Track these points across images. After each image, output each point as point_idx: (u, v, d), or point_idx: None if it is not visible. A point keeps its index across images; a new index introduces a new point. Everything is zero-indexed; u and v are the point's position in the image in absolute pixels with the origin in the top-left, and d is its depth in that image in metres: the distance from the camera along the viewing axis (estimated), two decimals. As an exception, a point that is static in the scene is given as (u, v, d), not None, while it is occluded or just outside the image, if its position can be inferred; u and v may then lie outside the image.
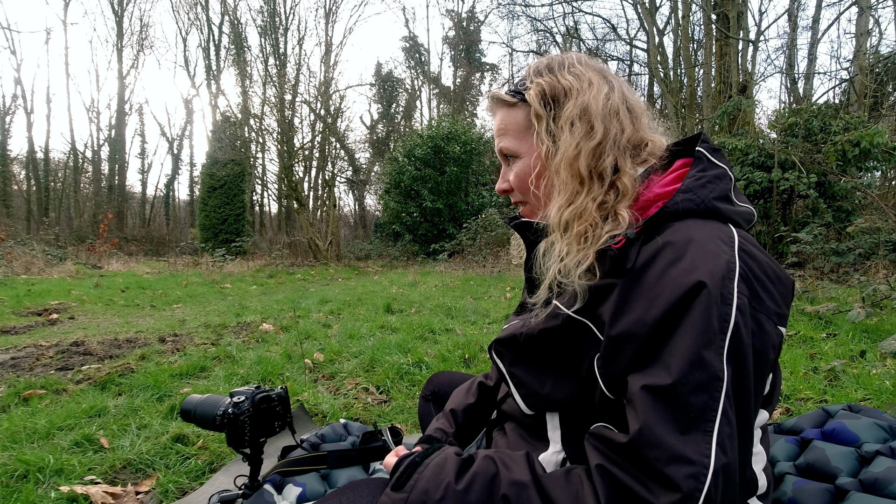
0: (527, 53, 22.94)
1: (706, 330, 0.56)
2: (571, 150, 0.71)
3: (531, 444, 0.77)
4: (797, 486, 0.93)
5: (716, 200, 0.67)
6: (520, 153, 0.80)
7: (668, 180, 0.71)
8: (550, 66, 0.78)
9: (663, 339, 0.58)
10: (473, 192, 14.73)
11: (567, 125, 0.72)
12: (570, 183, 0.71)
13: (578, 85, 0.74)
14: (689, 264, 0.59)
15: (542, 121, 0.75)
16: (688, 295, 0.57)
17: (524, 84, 0.79)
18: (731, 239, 0.62)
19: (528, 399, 0.76)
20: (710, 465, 0.52)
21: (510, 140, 0.80)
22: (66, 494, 1.38)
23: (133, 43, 23.97)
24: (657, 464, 0.53)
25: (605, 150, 0.71)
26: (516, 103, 0.79)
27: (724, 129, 8.54)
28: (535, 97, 0.75)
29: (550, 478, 0.63)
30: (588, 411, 0.69)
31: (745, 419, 0.59)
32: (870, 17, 10.84)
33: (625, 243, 0.65)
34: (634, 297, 0.62)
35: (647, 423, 0.55)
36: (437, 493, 0.64)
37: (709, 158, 0.70)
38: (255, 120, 16.70)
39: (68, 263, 10.06)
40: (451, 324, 3.98)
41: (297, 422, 1.84)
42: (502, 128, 0.81)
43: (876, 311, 3.29)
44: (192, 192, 24.95)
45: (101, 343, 3.34)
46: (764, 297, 0.61)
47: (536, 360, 0.74)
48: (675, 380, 0.55)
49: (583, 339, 0.68)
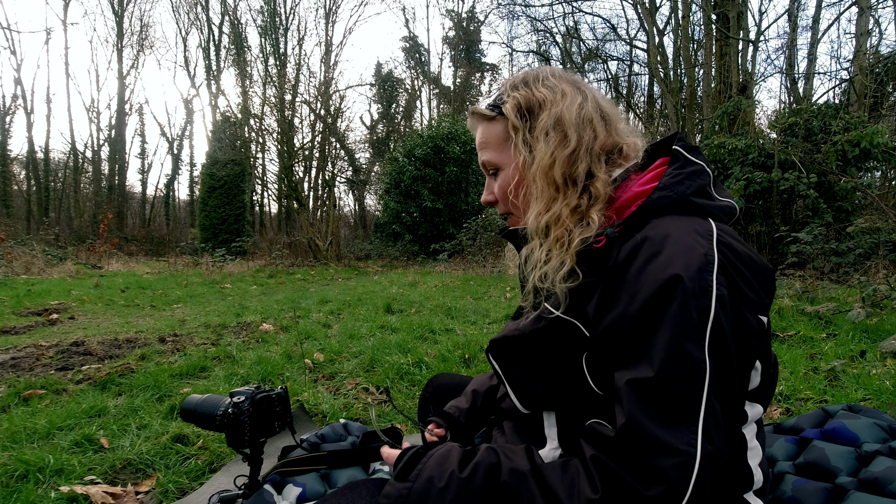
0: (527, 53, 22.95)
1: (686, 322, 0.57)
2: (547, 159, 0.74)
3: (528, 442, 0.78)
4: (797, 486, 0.93)
5: (693, 196, 0.68)
6: (501, 165, 0.83)
7: (646, 179, 0.72)
8: (526, 80, 0.81)
9: (645, 334, 0.59)
10: (473, 192, 14.72)
11: (542, 135, 0.75)
12: (546, 190, 0.74)
13: (552, 96, 0.77)
14: (666, 259, 0.60)
15: (519, 132, 0.78)
16: (665, 289, 0.58)
17: (501, 98, 0.82)
18: (710, 232, 0.64)
19: (523, 398, 0.77)
20: (696, 454, 0.54)
21: (491, 153, 0.83)
22: (66, 494, 1.38)
23: (133, 43, 24.03)
24: (645, 455, 0.55)
25: (579, 157, 0.73)
26: (495, 117, 0.82)
27: (724, 129, 8.54)
28: (511, 110, 0.78)
29: (548, 467, 0.64)
30: (583, 409, 0.71)
31: (732, 409, 0.60)
32: (870, 17, 10.84)
33: (606, 242, 0.67)
34: (616, 294, 0.63)
35: (633, 416, 0.56)
36: (441, 481, 0.65)
37: (685, 156, 0.72)
38: (255, 120, 16.72)
39: (68, 263, 10.06)
40: (451, 324, 3.98)
41: (297, 422, 1.84)
42: (483, 141, 0.84)
43: (876, 311, 3.29)
44: (192, 192, 24.97)
45: (101, 343, 3.35)
46: (744, 287, 0.62)
47: (530, 360, 0.75)
48: (658, 372, 0.56)
49: (572, 339, 0.69)
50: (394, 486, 0.68)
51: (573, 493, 0.59)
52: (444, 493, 0.64)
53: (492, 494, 0.63)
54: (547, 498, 0.60)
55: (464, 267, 10.73)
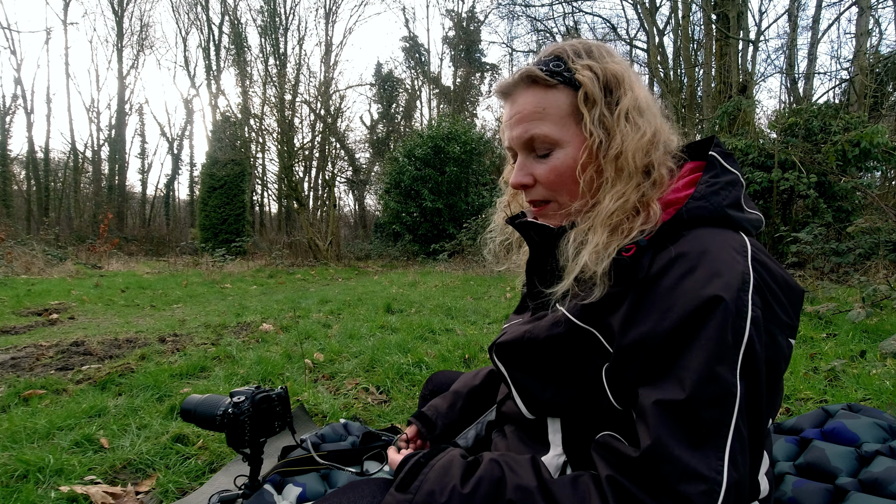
0: (527, 53, 22.91)
1: (721, 344, 0.54)
2: (631, 143, 0.67)
3: (531, 447, 0.76)
4: (797, 486, 0.93)
5: (728, 208, 0.65)
6: (561, 142, 0.70)
7: (681, 185, 0.69)
8: (589, 51, 0.72)
9: (676, 353, 0.57)
10: (473, 192, 14.71)
11: (622, 116, 0.68)
12: (634, 175, 0.67)
13: (627, 75, 0.70)
14: (705, 276, 0.57)
15: (596, 108, 0.68)
16: (704, 308, 0.56)
17: (563, 65, 0.70)
18: (745, 248, 0.61)
19: (529, 403, 0.74)
20: (723, 482, 0.52)
21: (549, 126, 0.70)
22: (66, 494, 1.38)
23: (133, 43, 24.01)
24: (669, 479, 0.53)
25: (656, 145, 0.69)
26: (556, 85, 0.70)
27: (724, 129, 8.54)
28: (590, 80, 0.68)
29: (557, 484, 0.62)
30: (591, 417, 0.68)
31: (757, 433, 0.58)
32: (870, 17, 10.84)
33: (636, 251, 0.63)
34: (646, 308, 0.60)
35: (660, 438, 0.54)
36: (443, 496, 0.63)
37: (722, 164, 0.69)
38: (255, 120, 16.71)
39: (68, 263, 10.06)
40: (451, 324, 3.98)
41: (297, 422, 1.84)
42: (537, 111, 0.70)
43: (876, 311, 3.29)
44: (192, 192, 24.95)
45: (101, 343, 3.34)
46: (776, 308, 0.60)
47: (540, 365, 0.72)
48: (689, 395, 0.54)
49: (589, 348, 0.67)
50: (394, 496, 0.66)
51: None
52: None
53: None
54: None
55: (464, 267, 10.73)
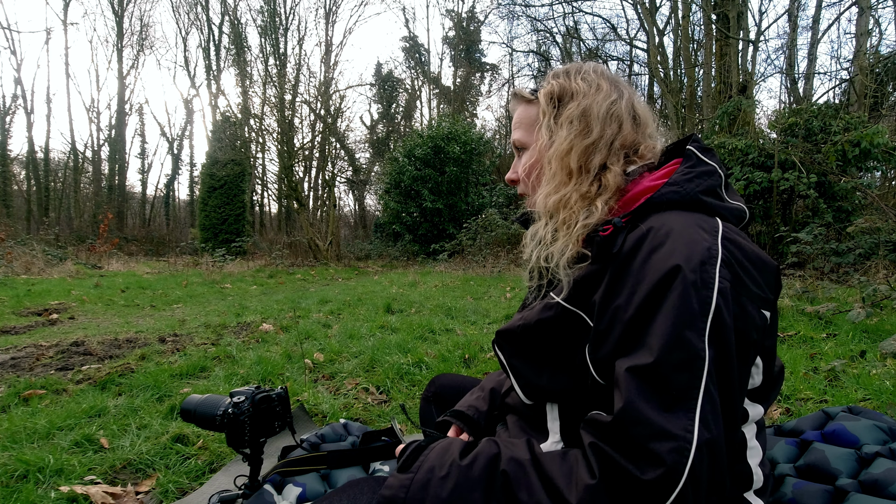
0: (527, 53, 22.96)
1: (686, 311, 0.58)
2: (564, 145, 0.78)
3: (531, 435, 0.79)
4: (797, 488, 0.93)
5: (702, 194, 0.70)
6: (526, 144, 0.88)
7: (658, 175, 0.75)
8: (567, 71, 0.86)
9: (645, 322, 0.61)
10: (473, 192, 14.72)
11: (566, 122, 0.79)
12: (558, 174, 0.78)
13: (586, 89, 0.81)
14: (668, 250, 0.62)
15: (546, 116, 0.82)
16: (665, 278, 0.60)
17: (542, 85, 0.87)
18: (715, 228, 0.65)
19: (526, 389, 0.78)
20: (693, 440, 0.54)
21: (521, 132, 0.89)
22: (66, 494, 1.38)
23: (133, 43, 24.01)
24: (641, 440, 0.55)
25: (597, 149, 0.77)
26: (532, 100, 0.88)
27: (724, 129, 8.54)
28: (544, 95, 0.83)
29: (547, 457, 0.65)
30: (586, 401, 0.71)
31: (730, 400, 0.60)
32: (870, 17, 10.84)
33: (612, 231, 0.69)
34: (620, 283, 0.65)
35: (631, 401, 0.57)
36: (443, 469, 0.66)
37: (698, 156, 0.75)
38: (255, 120, 16.72)
39: (68, 263, 10.06)
40: (451, 324, 3.98)
41: (297, 422, 1.84)
42: (517, 121, 0.90)
43: (876, 311, 3.29)
44: (192, 192, 24.95)
45: (101, 343, 3.35)
46: (748, 281, 0.64)
47: (534, 351, 0.77)
48: (657, 359, 0.57)
49: (577, 329, 0.71)
50: (396, 477, 0.69)
51: (571, 479, 0.60)
52: (445, 480, 0.65)
53: (491, 482, 0.64)
54: (545, 485, 0.61)
55: (464, 267, 10.73)
